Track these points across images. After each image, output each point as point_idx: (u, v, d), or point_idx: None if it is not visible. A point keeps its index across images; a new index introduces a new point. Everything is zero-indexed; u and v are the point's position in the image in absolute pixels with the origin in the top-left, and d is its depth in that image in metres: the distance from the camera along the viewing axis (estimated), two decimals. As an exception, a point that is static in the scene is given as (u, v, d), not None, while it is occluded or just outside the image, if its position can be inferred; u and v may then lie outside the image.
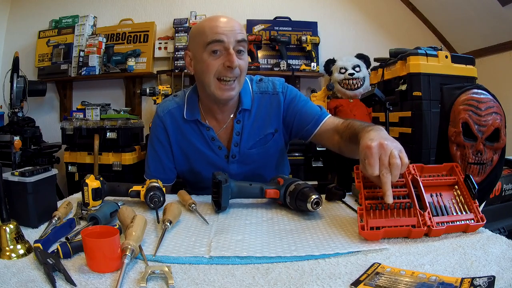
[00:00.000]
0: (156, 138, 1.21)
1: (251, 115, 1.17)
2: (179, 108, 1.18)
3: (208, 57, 1.02)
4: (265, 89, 1.19)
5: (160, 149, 1.21)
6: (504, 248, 0.69)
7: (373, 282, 0.56)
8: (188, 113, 1.16)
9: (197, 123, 1.16)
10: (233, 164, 1.18)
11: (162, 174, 1.21)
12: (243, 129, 1.16)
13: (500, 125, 0.98)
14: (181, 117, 1.17)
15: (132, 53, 3.08)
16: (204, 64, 1.03)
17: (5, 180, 0.77)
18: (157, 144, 1.21)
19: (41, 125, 2.80)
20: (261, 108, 1.18)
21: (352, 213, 0.94)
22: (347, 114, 2.73)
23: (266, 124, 1.18)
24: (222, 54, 1.02)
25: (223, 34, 1.00)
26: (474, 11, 2.61)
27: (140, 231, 0.69)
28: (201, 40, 1.02)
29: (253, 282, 0.58)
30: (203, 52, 1.03)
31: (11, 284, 0.56)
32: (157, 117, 1.20)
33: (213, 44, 1.01)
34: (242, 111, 1.16)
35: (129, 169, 2.68)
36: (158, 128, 1.19)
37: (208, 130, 1.16)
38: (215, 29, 1.01)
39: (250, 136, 1.17)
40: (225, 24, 1.01)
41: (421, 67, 1.66)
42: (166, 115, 1.19)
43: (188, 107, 1.17)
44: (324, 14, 3.26)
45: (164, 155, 1.21)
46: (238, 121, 1.16)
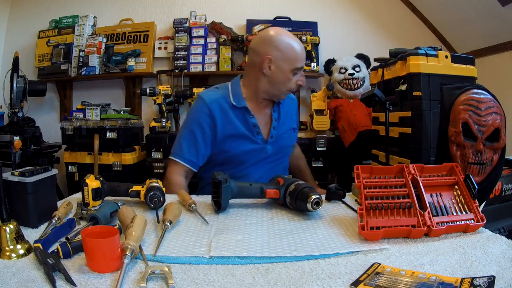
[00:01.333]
0: (198, 123, 1.31)
1: (282, 108, 1.43)
2: (224, 97, 1.35)
3: (291, 75, 1.30)
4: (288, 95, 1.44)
5: (200, 134, 1.31)
6: (504, 248, 0.69)
7: (373, 282, 0.56)
8: (236, 101, 1.33)
9: (242, 110, 1.33)
10: (269, 145, 1.37)
11: (194, 157, 1.32)
12: (279, 117, 1.41)
13: (500, 125, 0.98)
14: (228, 105, 1.33)
15: (132, 53, 3.08)
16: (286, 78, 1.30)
17: (5, 180, 0.77)
18: (198, 129, 1.31)
19: (41, 125, 2.80)
20: (287, 106, 1.47)
21: (352, 213, 0.94)
22: (347, 114, 2.72)
23: (290, 119, 1.47)
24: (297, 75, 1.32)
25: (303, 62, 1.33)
26: (474, 11, 2.61)
27: (140, 231, 0.69)
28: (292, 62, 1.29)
29: (253, 282, 0.58)
30: (289, 69, 1.29)
31: (11, 284, 0.56)
32: (203, 104, 1.32)
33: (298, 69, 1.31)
34: (277, 103, 1.41)
35: (129, 169, 2.68)
36: (203, 115, 1.31)
37: (251, 117, 1.34)
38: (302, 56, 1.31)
39: (282, 124, 1.42)
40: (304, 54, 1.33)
41: (421, 67, 1.65)
42: (213, 103, 1.31)
43: (234, 97, 1.34)
44: (324, 14, 3.26)
45: (202, 141, 1.31)
46: (274, 111, 1.40)
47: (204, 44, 3.08)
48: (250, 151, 1.34)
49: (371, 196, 0.82)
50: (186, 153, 1.30)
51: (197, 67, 3.06)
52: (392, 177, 0.88)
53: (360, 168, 0.89)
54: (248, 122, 1.33)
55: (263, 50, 1.28)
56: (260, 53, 1.28)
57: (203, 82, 3.14)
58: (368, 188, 0.84)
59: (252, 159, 1.35)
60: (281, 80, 1.30)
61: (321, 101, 2.74)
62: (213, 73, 3.07)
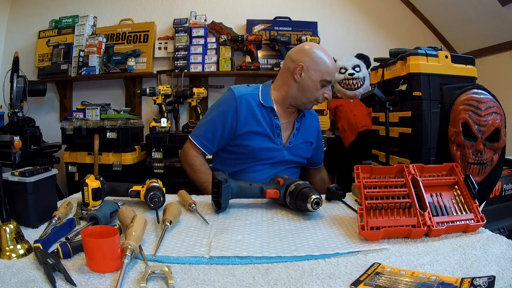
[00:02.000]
0: (222, 114, 1.38)
1: (304, 121, 1.50)
2: (254, 95, 1.41)
3: (319, 85, 1.37)
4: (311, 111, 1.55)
5: (221, 123, 1.37)
6: (504, 248, 0.69)
7: (373, 282, 0.56)
8: (264, 100, 1.39)
9: (269, 110, 1.39)
10: (286, 150, 1.42)
11: (209, 143, 1.40)
12: (300, 127, 1.47)
13: (500, 125, 0.98)
14: (256, 102, 1.39)
15: (132, 53, 3.07)
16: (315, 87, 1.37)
17: (5, 180, 0.77)
18: (220, 118, 1.37)
19: (41, 125, 2.80)
20: (310, 122, 1.53)
21: (352, 213, 0.94)
22: (347, 114, 2.72)
23: (310, 133, 1.52)
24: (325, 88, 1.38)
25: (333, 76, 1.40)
26: (474, 11, 2.61)
27: (140, 231, 0.69)
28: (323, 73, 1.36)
29: (253, 282, 0.58)
30: (318, 80, 1.36)
31: (11, 284, 0.56)
32: (232, 96, 1.38)
33: (328, 81, 1.38)
34: (301, 115, 1.48)
35: (129, 169, 2.68)
36: (229, 107, 1.37)
37: (275, 118, 1.40)
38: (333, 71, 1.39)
39: (301, 135, 1.48)
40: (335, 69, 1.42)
41: (421, 67, 1.65)
42: (242, 98, 1.38)
43: (263, 96, 1.40)
44: (324, 14, 3.26)
45: (220, 131, 1.37)
46: (297, 121, 1.47)
47: (204, 44, 3.08)
48: (268, 149, 1.39)
49: (371, 196, 0.82)
50: (203, 137, 1.40)
51: (197, 67, 3.06)
52: (392, 177, 0.88)
53: (360, 168, 0.89)
54: (272, 122, 1.39)
55: (297, 58, 1.38)
56: (294, 60, 1.38)
57: (203, 82, 3.14)
58: (368, 188, 0.85)
59: (269, 158, 1.39)
60: (309, 89, 1.37)
61: (321, 101, 2.74)
62: (213, 73, 3.07)
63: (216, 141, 1.39)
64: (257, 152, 1.38)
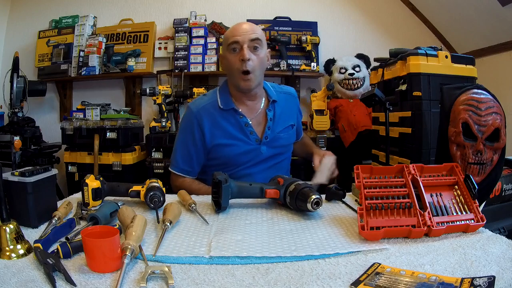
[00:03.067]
0: (188, 134, 1.34)
1: (279, 106, 1.40)
2: (212, 102, 1.34)
3: (230, 55, 1.27)
4: (286, 90, 1.47)
5: (191, 143, 1.33)
6: (504, 248, 0.69)
7: (373, 282, 0.56)
8: (223, 103, 1.33)
9: (232, 112, 1.32)
10: (264, 146, 1.35)
11: (188, 167, 1.35)
12: (274, 116, 1.37)
13: (500, 125, 0.98)
14: (216, 109, 1.33)
15: (132, 53, 3.08)
16: (228, 60, 1.28)
17: (5, 180, 0.77)
18: (189, 139, 1.33)
19: (41, 125, 2.80)
20: (286, 103, 1.43)
21: (352, 213, 0.94)
22: (347, 114, 2.72)
23: (289, 116, 1.43)
24: (239, 52, 1.25)
25: (238, 36, 1.24)
26: (474, 11, 2.61)
27: (140, 231, 0.69)
28: (225, 43, 1.29)
29: (253, 282, 0.58)
30: (226, 52, 1.28)
31: (11, 284, 0.56)
32: (191, 113, 1.34)
33: (232, 44, 1.25)
34: (272, 102, 1.38)
35: (129, 169, 2.68)
36: (192, 125, 1.32)
37: (241, 117, 1.32)
38: (233, 33, 1.26)
39: (279, 123, 1.38)
40: (240, 28, 1.27)
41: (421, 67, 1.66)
42: (200, 111, 1.32)
43: (222, 99, 1.34)
44: (324, 14, 3.26)
45: (194, 150, 1.33)
46: (269, 110, 1.37)
47: (204, 44, 3.08)
48: (244, 153, 1.32)
49: (371, 196, 0.82)
50: (181, 164, 1.35)
51: (197, 67, 3.06)
52: (392, 177, 0.88)
53: (360, 168, 0.89)
54: (240, 122, 1.32)
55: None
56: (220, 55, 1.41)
57: (203, 82, 3.14)
58: (368, 188, 0.84)
59: (248, 161, 1.33)
60: (227, 65, 1.30)
61: (321, 101, 2.75)
62: (213, 73, 3.07)
63: (194, 162, 1.34)
64: (235, 159, 1.32)
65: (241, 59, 1.23)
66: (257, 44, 1.25)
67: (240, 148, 1.32)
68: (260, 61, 1.27)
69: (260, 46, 1.27)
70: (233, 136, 1.32)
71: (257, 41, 1.25)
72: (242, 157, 1.33)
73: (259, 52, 1.27)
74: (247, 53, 1.22)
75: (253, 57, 1.25)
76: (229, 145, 1.32)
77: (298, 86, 3.16)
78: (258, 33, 1.27)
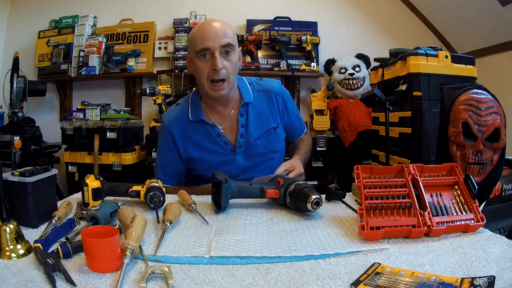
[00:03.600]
0: (163, 145, 1.29)
1: (253, 109, 1.27)
2: (184, 113, 1.27)
3: (199, 62, 1.15)
4: (266, 87, 1.31)
5: (169, 155, 1.29)
6: (504, 248, 0.69)
7: (373, 282, 0.56)
8: (193, 114, 1.25)
9: (202, 123, 1.25)
10: (239, 156, 1.26)
11: (170, 178, 1.30)
12: (247, 122, 1.25)
13: (500, 125, 0.98)
14: (187, 121, 1.26)
15: (132, 53, 3.08)
16: (197, 68, 1.16)
17: (5, 180, 0.77)
18: (166, 150, 1.29)
19: (41, 125, 2.80)
20: (263, 103, 1.28)
21: (352, 213, 0.94)
22: (347, 114, 2.73)
23: (269, 118, 1.29)
24: (210, 59, 1.14)
25: (209, 41, 1.11)
26: (474, 11, 2.61)
27: (140, 231, 0.69)
28: (193, 48, 1.16)
29: (253, 282, 0.58)
30: (195, 57, 1.16)
31: (11, 284, 0.56)
32: (164, 126, 1.29)
33: (201, 51, 1.13)
34: (244, 105, 1.25)
35: (129, 169, 2.68)
36: (165, 137, 1.28)
37: (213, 127, 1.25)
38: (202, 37, 1.13)
39: (255, 129, 1.26)
40: (210, 31, 1.13)
41: (421, 67, 1.66)
42: (172, 123, 1.27)
43: (193, 109, 1.26)
44: (324, 14, 3.26)
45: (173, 160, 1.29)
46: (241, 115, 1.25)
47: (204, 44, 3.08)
48: (218, 164, 1.23)
49: (371, 196, 0.82)
50: (163, 175, 1.29)
51: (197, 67, 3.06)
52: (392, 177, 0.88)
53: (360, 168, 0.89)
54: (211, 133, 1.24)
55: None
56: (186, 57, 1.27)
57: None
58: (368, 188, 0.84)
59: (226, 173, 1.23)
60: (196, 72, 1.18)
61: (321, 101, 2.75)
62: (213, 73, 3.06)
63: (176, 171, 1.30)
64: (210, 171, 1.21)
65: (213, 68, 1.12)
66: (229, 48, 1.14)
67: (214, 160, 1.25)
68: (233, 67, 1.15)
69: (232, 50, 1.15)
70: (206, 149, 1.25)
71: (229, 46, 1.13)
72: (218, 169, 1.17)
73: (232, 57, 1.15)
74: (220, 62, 1.11)
75: (226, 63, 1.13)
76: (202, 158, 1.25)
77: (298, 86, 3.16)
78: (230, 35, 1.14)
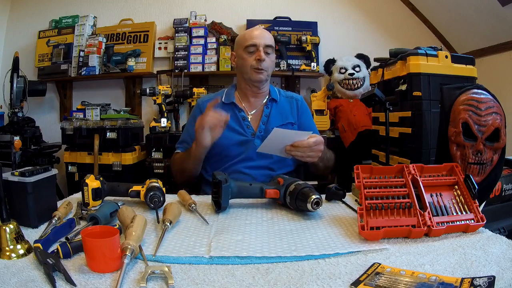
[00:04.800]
0: (192, 119, 1.49)
1: (277, 106, 1.49)
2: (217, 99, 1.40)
3: (246, 55, 1.41)
4: (290, 95, 1.56)
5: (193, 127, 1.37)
6: (504, 248, 0.69)
7: (373, 282, 0.56)
8: (226, 98, 1.48)
9: (232, 106, 1.46)
10: (258, 139, 1.41)
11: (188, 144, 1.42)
12: (270, 114, 1.47)
13: (500, 125, 0.98)
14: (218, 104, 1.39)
15: (132, 53, 3.07)
16: (243, 59, 1.42)
17: (5, 180, 0.77)
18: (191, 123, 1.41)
19: (41, 125, 2.80)
20: (285, 104, 1.52)
21: (352, 213, 0.94)
22: (347, 114, 2.72)
23: (288, 115, 1.50)
24: (255, 53, 1.40)
25: (256, 39, 1.40)
26: (474, 11, 2.61)
27: (140, 231, 0.69)
28: (241, 44, 1.42)
29: (253, 282, 0.58)
30: (242, 52, 1.42)
31: (11, 284, 0.56)
32: (196, 106, 1.52)
33: (249, 47, 1.40)
34: (271, 100, 1.49)
35: (129, 169, 2.68)
36: (196, 113, 1.46)
37: (240, 111, 1.45)
38: (251, 36, 1.42)
39: (275, 120, 1.46)
40: (258, 33, 1.43)
41: (421, 67, 1.66)
42: (204, 103, 1.43)
43: (226, 95, 1.49)
44: (324, 14, 3.26)
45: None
46: (267, 107, 1.48)
47: (204, 44, 3.08)
48: (238, 143, 1.40)
49: (371, 196, 0.82)
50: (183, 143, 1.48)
51: (197, 67, 3.06)
52: (392, 177, 0.88)
53: (360, 168, 0.89)
54: (238, 116, 1.44)
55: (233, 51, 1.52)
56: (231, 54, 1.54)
57: (203, 82, 3.14)
58: (368, 188, 0.84)
59: (241, 153, 1.39)
60: (241, 63, 1.43)
61: (321, 101, 2.75)
62: (213, 73, 3.07)
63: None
64: (230, 149, 1.39)
65: (257, 58, 1.38)
66: (270, 50, 1.42)
67: (234, 138, 1.40)
68: (271, 64, 1.44)
69: (272, 52, 1.44)
70: (230, 127, 1.38)
71: (271, 48, 1.42)
72: (236, 148, 1.40)
73: (271, 56, 1.43)
74: (263, 54, 1.39)
75: (267, 58, 1.41)
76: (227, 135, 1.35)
77: (298, 86, 3.16)
78: (271, 40, 1.44)
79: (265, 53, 1.40)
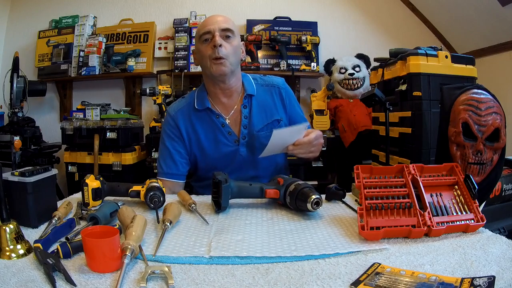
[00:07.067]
0: (167, 136, 1.32)
1: (257, 102, 1.31)
2: (189, 104, 1.31)
3: (202, 45, 1.23)
4: (270, 82, 1.37)
5: (171, 145, 1.30)
6: (504, 248, 0.69)
7: (373, 282, 0.56)
8: (199, 103, 1.29)
9: (207, 112, 1.29)
10: (242, 147, 1.28)
11: (174, 169, 1.30)
12: (250, 113, 1.30)
13: (500, 125, 0.98)
14: (192, 110, 1.30)
15: (132, 53, 3.08)
16: (200, 51, 1.24)
17: (5, 180, 0.77)
18: (168, 141, 1.31)
19: (41, 125, 2.80)
20: (266, 96, 1.33)
21: (352, 213, 0.94)
22: (347, 114, 2.72)
23: (273, 111, 1.33)
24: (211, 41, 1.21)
25: (210, 25, 1.21)
26: (474, 11, 2.61)
27: (140, 231, 0.69)
28: (197, 36, 1.25)
29: (253, 282, 0.58)
30: (199, 44, 1.24)
31: (11, 284, 0.56)
32: (169, 116, 1.33)
33: (203, 35, 1.22)
34: (247, 96, 1.30)
35: (129, 169, 2.68)
36: (170, 126, 1.31)
37: (218, 117, 1.28)
38: (204, 24, 1.24)
39: (258, 120, 1.30)
40: (211, 19, 1.24)
41: (421, 67, 1.65)
42: (177, 113, 1.31)
43: (198, 100, 1.30)
44: (324, 14, 3.26)
45: (175, 150, 1.30)
46: (244, 106, 1.30)
47: (204, 44, 3.08)
48: (223, 155, 1.27)
49: (371, 196, 0.82)
50: (165, 168, 1.30)
51: (197, 67, 3.06)
52: (392, 177, 0.88)
53: (360, 168, 0.89)
54: (216, 123, 1.28)
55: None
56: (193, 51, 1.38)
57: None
58: (368, 188, 0.84)
59: (229, 165, 1.27)
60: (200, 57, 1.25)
61: (321, 101, 2.75)
62: (213, 73, 3.06)
63: (179, 162, 1.30)
64: (214, 163, 1.27)
65: (213, 45, 1.18)
66: (229, 33, 1.22)
67: (219, 150, 1.28)
68: (233, 49, 1.22)
69: (232, 36, 1.23)
70: (210, 139, 1.27)
71: (229, 31, 1.22)
72: (222, 161, 1.27)
73: (231, 41, 1.22)
74: (219, 39, 1.18)
75: (225, 44, 1.20)
76: (210, 147, 1.28)
77: (298, 86, 3.16)
78: (230, 23, 1.24)
79: (225, 37, 1.20)
